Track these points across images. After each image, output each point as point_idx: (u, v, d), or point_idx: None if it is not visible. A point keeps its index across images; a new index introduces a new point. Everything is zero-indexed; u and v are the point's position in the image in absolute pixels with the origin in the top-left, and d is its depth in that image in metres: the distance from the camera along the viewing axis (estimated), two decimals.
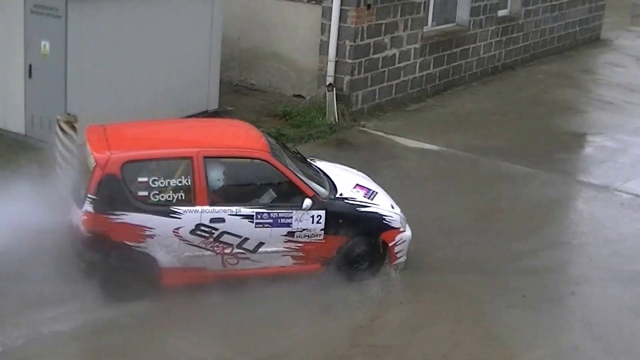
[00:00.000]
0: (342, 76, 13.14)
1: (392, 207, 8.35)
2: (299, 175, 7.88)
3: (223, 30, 12.22)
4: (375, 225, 8.11)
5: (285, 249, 7.83)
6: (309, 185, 7.88)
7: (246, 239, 7.65)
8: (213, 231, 7.52)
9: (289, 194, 7.77)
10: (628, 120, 15.16)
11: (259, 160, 7.76)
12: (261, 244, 7.71)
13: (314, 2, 13.25)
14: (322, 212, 7.82)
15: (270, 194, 7.81)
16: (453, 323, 7.51)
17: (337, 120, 12.76)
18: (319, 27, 13.21)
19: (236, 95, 13.61)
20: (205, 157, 7.54)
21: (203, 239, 7.52)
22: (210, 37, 11.79)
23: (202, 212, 7.48)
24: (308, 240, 7.85)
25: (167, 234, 7.42)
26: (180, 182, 7.46)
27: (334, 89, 12.87)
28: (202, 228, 7.50)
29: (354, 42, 13.02)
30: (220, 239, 7.57)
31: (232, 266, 7.72)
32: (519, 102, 15.64)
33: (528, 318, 7.73)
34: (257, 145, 7.95)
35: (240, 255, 7.71)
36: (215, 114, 11.83)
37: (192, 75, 11.56)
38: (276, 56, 13.86)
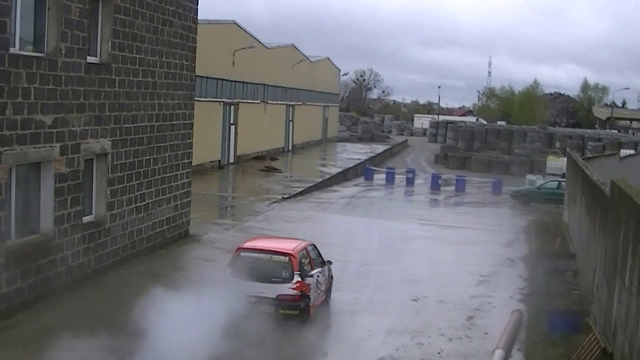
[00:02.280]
0: None
1: None
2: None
3: None
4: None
5: (324, 288, 18.38)
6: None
7: (321, 284, 17.99)
8: (318, 282, 17.69)
9: (321, 260, 18.65)
10: None
11: (313, 245, 18.65)
12: (322, 285, 18.09)
13: None
14: (329, 266, 19.05)
15: (319, 260, 18.50)
16: None
17: None
18: None
19: None
20: (309, 246, 18.28)
21: (317, 286, 17.52)
22: None
23: (316, 273, 17.74)
24: (325, 281, 18.50)
25: (312, 285, 17.19)
26: (307, 259, 17.63)
27: None
28: (317, 280, 17.63)
29: None
30: (318, 286, 17.63)
31: (319, 301, 17.85)
32: (111, 310, 16.68)
33: None
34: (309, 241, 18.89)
35: (320, 294, 17.92)
36: None
37: None
38: None
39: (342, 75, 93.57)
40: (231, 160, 50.40)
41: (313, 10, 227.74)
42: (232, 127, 50.52)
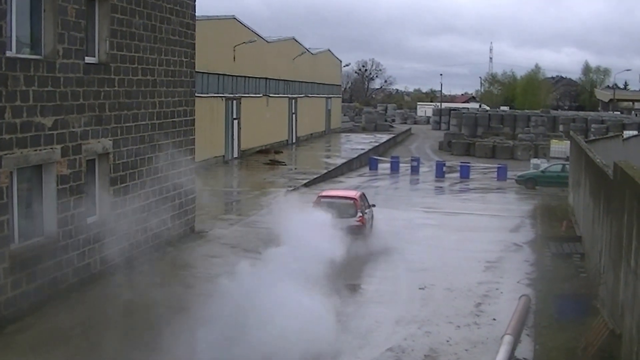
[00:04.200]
0: None
1: None
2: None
3: None
4: None
5: (371, 224, 25.79)
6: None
7: (370, 220, 25.73)
8: (371, 217, 25.93)
9: (368, 204, 26.19)
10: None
11: (364, 194, 27.05)
12: (370, 220, 25.75)
13: None
14: (372, 209, 26.52)
15: (367, 204, 26.09)
16: None
17: None
18: None
19: None
20: (362, 194, 26.60)
21: (370, 217, 25.71)
22: None
23: (368, 212, 25.65)
24: (371, 218, 25.96)
25: (368, 218, 25.30)
26: (363, 202, 25.65)
27: None
28: (370, 215, 25.88)
29: None
30: (369, 220, 25.54)
31: (370, 229, 25.44)
32: (116, 311, 16.62)
33: None
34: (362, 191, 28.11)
35: (369, 227, 25.42)
36: None
37: None
38: None
39: (344, 67, 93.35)
40: (235, 155, 50.30)
41: (312, 2, 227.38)
42: (235, 121, 50.40)
